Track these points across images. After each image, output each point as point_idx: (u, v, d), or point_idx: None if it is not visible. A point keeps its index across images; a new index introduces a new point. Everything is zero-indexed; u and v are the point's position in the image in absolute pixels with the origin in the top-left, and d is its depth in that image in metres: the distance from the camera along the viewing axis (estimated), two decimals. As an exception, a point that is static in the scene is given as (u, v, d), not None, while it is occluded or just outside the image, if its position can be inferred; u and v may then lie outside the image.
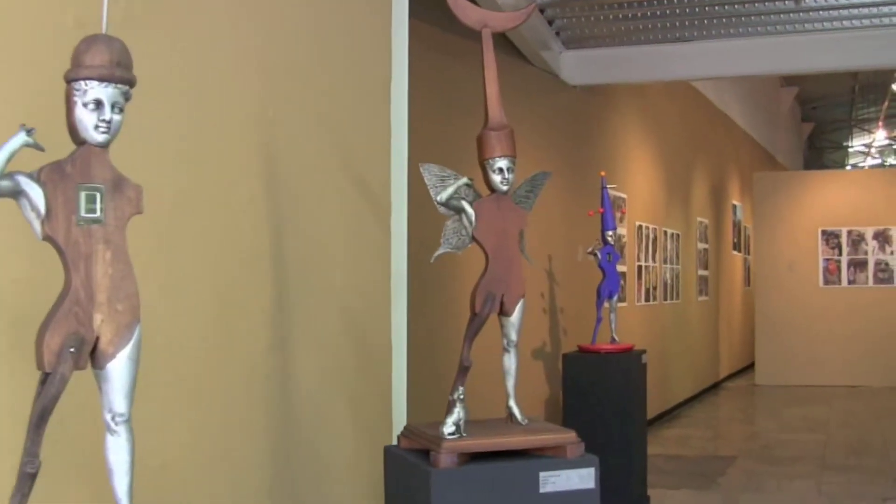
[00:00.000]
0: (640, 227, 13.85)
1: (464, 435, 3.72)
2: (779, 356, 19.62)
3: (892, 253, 19.50)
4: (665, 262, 15.21)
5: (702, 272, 18.02)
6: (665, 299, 15.25)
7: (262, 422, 4.29)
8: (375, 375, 5.21)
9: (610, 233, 9.35)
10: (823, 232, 19.78)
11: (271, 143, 4.40)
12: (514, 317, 3.97)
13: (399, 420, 5.27)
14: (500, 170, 3.92)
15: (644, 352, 9.46)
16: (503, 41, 9.60)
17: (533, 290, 10.16)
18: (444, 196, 3.89)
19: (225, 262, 4.07)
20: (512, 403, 4.04)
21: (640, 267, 13.82)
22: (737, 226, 21.80)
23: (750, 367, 21.53)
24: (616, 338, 9.39)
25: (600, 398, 9.00)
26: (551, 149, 10.81)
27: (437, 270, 7.14)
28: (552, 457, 3.80)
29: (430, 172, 3.96)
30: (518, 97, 10.04)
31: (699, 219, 17.84)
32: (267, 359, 4.31)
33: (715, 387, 19.31)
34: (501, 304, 3.94)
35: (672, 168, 15.85)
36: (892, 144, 46.17)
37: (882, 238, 19.54)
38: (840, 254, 19.68)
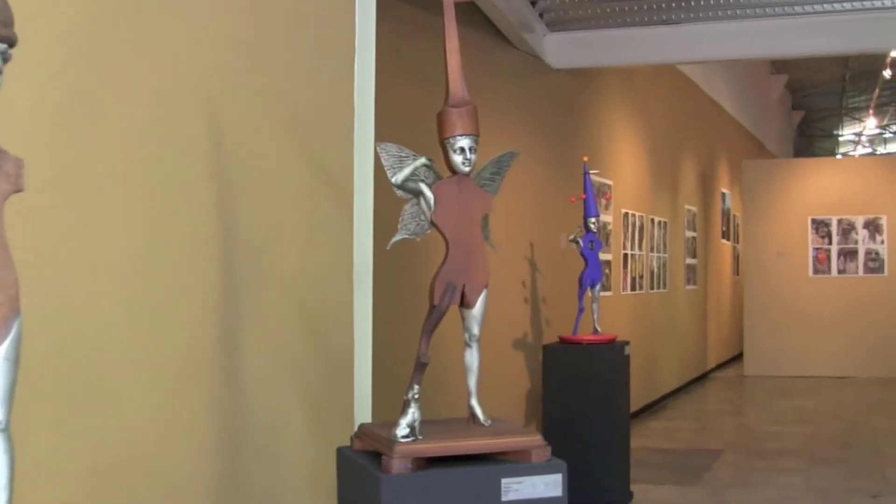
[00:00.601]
0: (626, 214, 13.56)
1: (419, 438, 3.42)
2: (767, 346, 19.39)
3: (882, 242, 19.26)
4: (652, 250, 14.92)
5: (689, 261, 17.74)
6: (652, 288, 14.97)
7: (206, 420, 3.98)
8: (335, 371, 4.90)
9: (592, 220, 9.05)
10: (813, 220, 19.54)
11: (219, 119, 4.07)
12: (477, 309, 3.70)
13: (363, 419, 4.97)
14: (462, 149, 3.63)
15: (627, 343, 9.17)
16: (485, 23, 9.31)
17: (514, 278, 9.87)
18: (400, 177, 3.59)
19: (164, 247, 3.76)
20: (474, 402, 3.76)
21: (626, 255, 13.52)
22: (725, 214, 21.52)
23: (738, 358, 21.30)
24: (598, 328, 9.09)
25: (582, 391, 8.72)
26: (534, 134, 10.51)
27: (407, 259, 6.84)
28: (516, 462, 3.50)
29: (387, 152, 3.67)
30: (500, 81, 9.75)
31: (687, 206, 17.55)
32: (211, 353, 4.00)
33: (703, 377, 19.05)
34: (463, 295, 3.65)
35: (659, 154, 15.56)
36: (882, 133, 46.14)
37: (872, 227, 19.29)
38: (830, 243, 19.44)
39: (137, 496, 3.58)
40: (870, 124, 36.51)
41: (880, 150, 44.00)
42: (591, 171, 9.17)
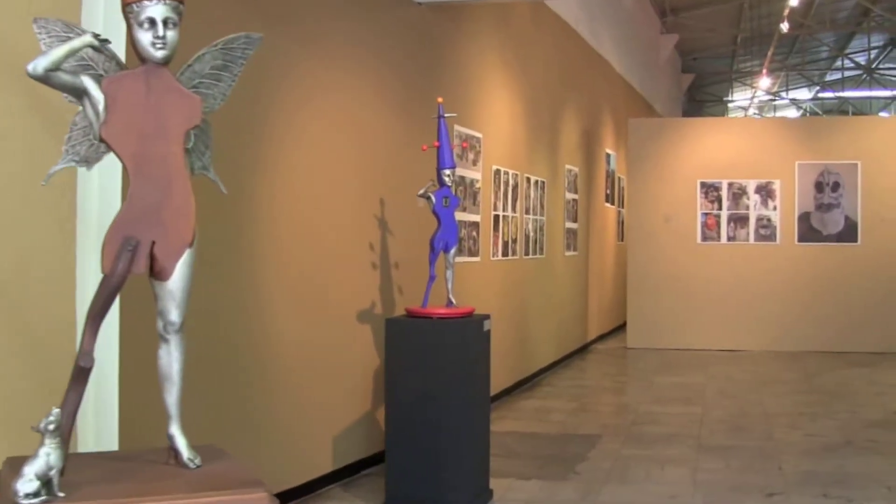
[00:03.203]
0: (499, 171, 12.19)
1: (57, 496, 2.03)
2: (652, 317, 18.32)
3: (774, 208, 18.23)
4: (527, 212, 13.59)
5: (570, 225, 16.45)
6: (527, 254, 13.64)
7: None
8: (52, 370, 3.46)
9: (447, 172, 7.67)
10: (702, 184, 18.44)
11: None
12: (175, 282, 2.29)
13: (106, 439, 3.56)
14: (151, 22, 2.23)
15: (487, 317, 7.81)
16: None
17: (360, 240, 8.52)
18: (42, 64, 2.20)
19: None
20: (174, 431, 2.35)
21: (497, 217, 12.16)
22: (610, 176, 20.35)
23: (621, 328, 20.25)
24: (453, 300, 7.73)
25: (431, 372, 7.36)
26: (390, 76, 9.13)
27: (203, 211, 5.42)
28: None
29: (47, 32, 2.27)
30: (353, 12, 8.39)
31: (568, 166, 16.25)
32: None
33: (583, 349, 17.87)
34: (153, 259, 2.25)
35: (538, 108, 14.22)
36: (773, 100, 45.92)
37: (765, 192, 18.25)
38: (720, 208, 18.37)
39: None
40: (763, 84, 35.90)
41: (769, 116, 43.83)
42: (446, 115, 7.80)
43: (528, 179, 13.60)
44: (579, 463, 9.11)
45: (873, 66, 40.32)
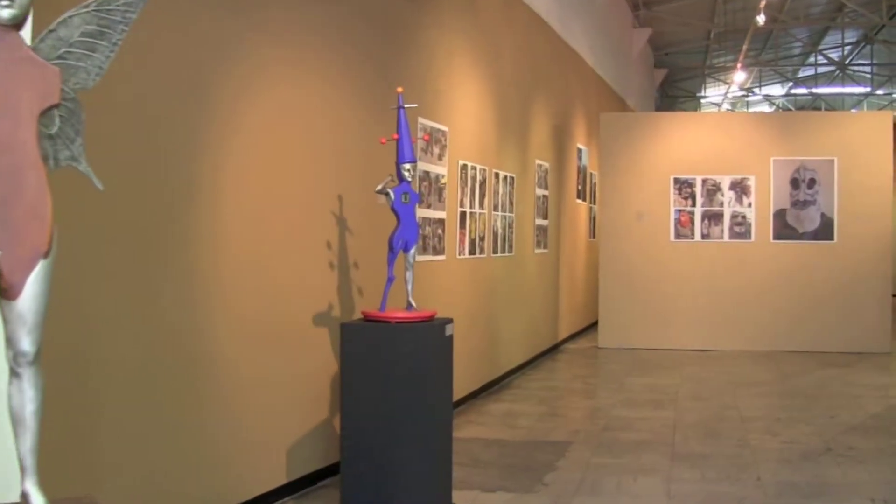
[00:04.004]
0: (465, 166, 11.73)
1: None
2: (624, 317, 17.94)
3: (749, 205, 17.86)
4: (496, 209, 13.14)
5: (540, 222, 16.02)
6: (495, 252, 13.19)
7: None
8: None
9: (407, 166, 7.20)
10: (676, 180, 18.05)
11: None
12: (25, 300, 1.81)
13: (10, 489, 3.08)
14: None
15: (449, 321, 7.34)
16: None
17: (317, 239, 8.05)
18: None
19: None
20: (29, 487, 1.88)
21: (463, 213, 11.70)
22: (582, 171, 19.93)
23: (593, 327, 19.87)
24: (413, 303, 7.28)
25: (389, 380, 6.93)
26: (348, 61, 8.65)
27: (112, 212, 4.96)
28: None
29: None
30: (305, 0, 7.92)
31: (538, 161, 15.81)
32: None
33: (554, 349, 17.46)
34: (-4, 272, 1.78)
35: (507, 102, 13.77)
36: (746, 96, 45.72)
37: (739, 188, 17.88)
38: (693, 204, 17.99)
39: None
40: (737, 78, 35.61)
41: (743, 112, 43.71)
42: (406, 106, 7.34)
43: (497, 175, 13.16)
44: (548, 473, 8.68)
45: (846, 62, 40.10)
